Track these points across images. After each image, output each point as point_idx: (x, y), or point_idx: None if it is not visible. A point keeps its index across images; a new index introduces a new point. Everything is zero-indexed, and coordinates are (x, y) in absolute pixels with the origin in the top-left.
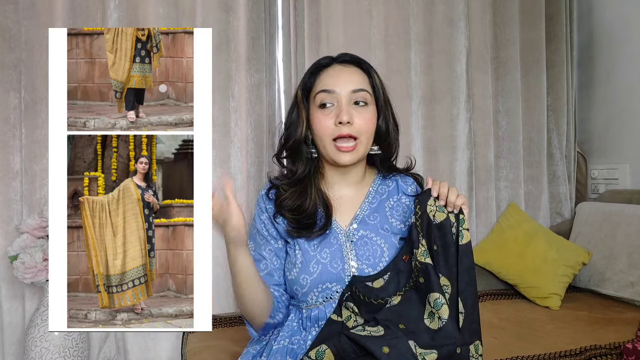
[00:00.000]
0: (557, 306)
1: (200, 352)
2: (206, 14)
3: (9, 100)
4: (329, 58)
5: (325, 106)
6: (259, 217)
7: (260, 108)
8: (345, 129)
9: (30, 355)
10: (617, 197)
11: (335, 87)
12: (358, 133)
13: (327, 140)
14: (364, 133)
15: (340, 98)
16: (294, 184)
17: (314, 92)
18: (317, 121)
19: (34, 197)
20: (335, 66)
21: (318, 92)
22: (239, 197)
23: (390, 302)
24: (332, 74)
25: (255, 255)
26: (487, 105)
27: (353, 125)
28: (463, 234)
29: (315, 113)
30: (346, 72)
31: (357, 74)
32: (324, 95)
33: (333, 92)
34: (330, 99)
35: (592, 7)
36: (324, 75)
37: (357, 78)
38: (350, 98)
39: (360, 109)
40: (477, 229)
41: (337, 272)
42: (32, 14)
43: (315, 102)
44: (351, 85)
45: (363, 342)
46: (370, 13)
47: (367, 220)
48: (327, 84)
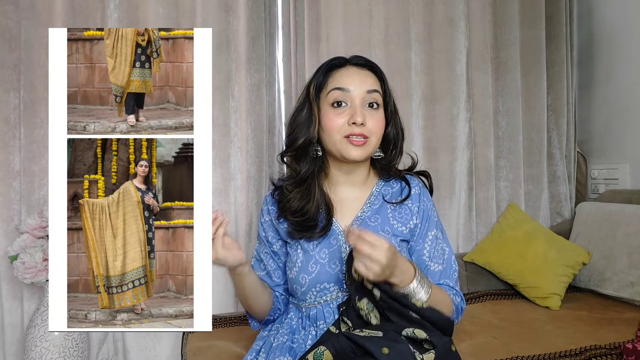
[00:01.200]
0: (557, 306)
1: (200, 352)
2: (206, 14)
3: (9, 100)
4: (342, 59)
5: (340, 105)
6: (261, 219)
7: (260, 108)
8: (358, 129)
9: (30, 355)
10: (617, 197)
11: (350, 86)
12: (369, 133)
13: (338, 137)
14: (375, 134)
15: (354, 98)
16: (298, 183)
17: (326, 90)
18: (328, 119)
19: (33, 197)
20: (350, 67)
21: (332, 90)
22: (239, 197)
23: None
24: (346, 74)
25: (256, 255)
26: (487, 105)
27: (365, 126)
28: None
29: (327, 111)
30: (360, 73)
31: (371, 77)
32: (338, 93)
33: (348, 91)
34: (344, 97)
35: (592, 7)
36: (337, 74)
37: (371, 80)
38: (364, 99)
39: (373, 111)
40: (477, 229)
41: (334, 272)
42: (32, 14)
43: (328, 99)
44: (365, 86)
45: (362, 343)
46: (370, 13)
47: (368, 221)
48: (341, 83)
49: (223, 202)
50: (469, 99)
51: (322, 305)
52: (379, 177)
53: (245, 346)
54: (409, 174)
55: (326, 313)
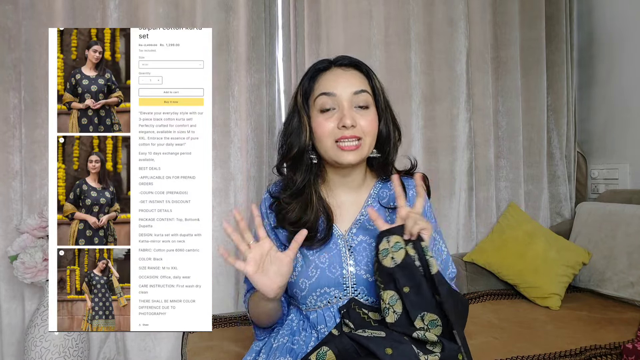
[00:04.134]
0: (557, 306)
1: (200, 352)
2: (206, 14)
3: (9, 100)
4: (327, 61)
5: (327, 110)
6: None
7: (260, 108)
8: (349, 132)
9: (30, 355)
10: (617, 197)
11: (335, 89)
12: (362, 134)
13: (329, 143)
14: (368, 134)
15: (342, 101)
16: (296, 195)
17: (313, 96)
18: (318, 125)
19: (33, 197)
20: (334, 69)
21: (318, 96)
22: (239, 197)
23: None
24: (331, 78)
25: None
26: (487, 105)
27: (357, 127)
28: (430, 262)
29: (316, 117)
30: (346, 75)
31: (357, 77)
32: (325, 99)
33: (334, 95)
34: (332, 102)
35: (592, 7)
36: (322, 78)
37: (358, 80)
38: (351, 101)
39: (363, 111)
40: (477, 229)
41: (335, 277)
42: (32, 14)
43: (316, 106)
44: (352, 88)
45: (365, 343)
46: (370, 13)
47: (366, 225)
48: (327, 87)
49: (223, 202)
50: (469, 99)
51: (322, 309)
52: (376, 178)
53: (245, 346)
54: (406, 176)
55: (327, 317)
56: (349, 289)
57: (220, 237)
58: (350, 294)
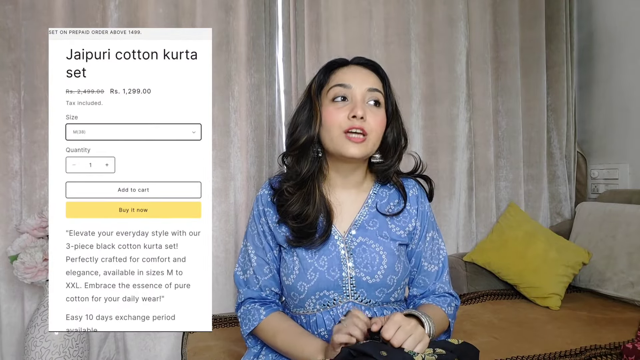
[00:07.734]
0: (557, 306)
1: (200, 352)
2: (206, 14)
3: (9, 100)
4: (344, 59)
5: (340, 100)
6: (257, 220)
7: (260, 108)
8: (358, 122)
9: (30, 355)
10: (617, 197)
11: (352, 82)
12: (369, 129)
13: (337, 132)
14: (374, 131)
15: (356, 94)
16: (299, 186)
17: (327, 87)
18: (328, 114)
19: (33, 197)
20: (352, 66)
21: (333, 87)
22: (239, 197)
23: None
24: (348, 72)
25: (257, 260)
26: (487, 105)
27: (365, 122)
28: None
29: (328, 106)
30: (363, 72)
31: (373, 77)
32: (339, 89)
33: (349, 87)
34: (345, 93)
35: (592, 7)
36: (339, 72)
37: (373, 79)
38: (365, 96)
39: (374, 108)
40: (477, 229)
41: (334, 280)
42: (32, 14)
43: (329, 96)
44: (367, 84)
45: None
46: (370, 13)
47: (366, 226)
48: (343, 79)
49: (223, 202)
50: (469, 99)
51: (322, 312)
52: (375, 180)
53: (245, 346)
54: (406, 177)
55: (327, 320)
56: (349, 291)
57: (220, 237)
58: (350, 296)
